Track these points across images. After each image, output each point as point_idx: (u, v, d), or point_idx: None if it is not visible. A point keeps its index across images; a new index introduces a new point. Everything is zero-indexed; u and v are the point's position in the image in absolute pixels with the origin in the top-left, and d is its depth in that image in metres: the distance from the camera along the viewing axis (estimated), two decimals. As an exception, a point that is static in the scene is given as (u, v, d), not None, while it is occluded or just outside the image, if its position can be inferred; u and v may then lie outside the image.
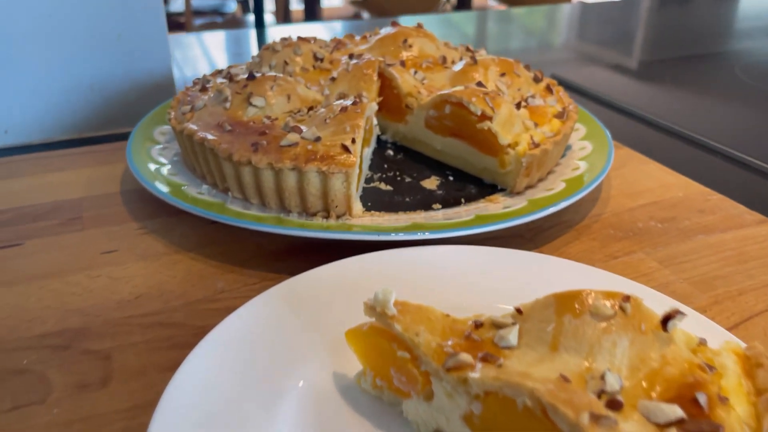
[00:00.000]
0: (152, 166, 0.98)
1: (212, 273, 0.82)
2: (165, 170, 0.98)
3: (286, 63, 1.15)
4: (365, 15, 6.92)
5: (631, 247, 0.89)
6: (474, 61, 1.09)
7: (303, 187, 0.85)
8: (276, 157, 0.84)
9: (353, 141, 0.86)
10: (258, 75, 1.00)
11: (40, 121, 1.29)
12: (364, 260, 0.76)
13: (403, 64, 1.13)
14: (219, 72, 1.19)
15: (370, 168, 1.05)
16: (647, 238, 0.91)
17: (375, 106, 1.02)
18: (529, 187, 0.96)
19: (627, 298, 0.53)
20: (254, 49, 2.07)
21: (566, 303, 0.53)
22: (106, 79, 1.32)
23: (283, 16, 5.94)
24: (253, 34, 2.26)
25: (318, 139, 0.86)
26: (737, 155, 1.22)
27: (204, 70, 1.78)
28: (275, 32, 2.29)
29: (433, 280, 0.73)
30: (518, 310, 0.56)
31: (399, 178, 1.01)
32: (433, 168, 1.05)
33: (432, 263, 0.76)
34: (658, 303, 0.69)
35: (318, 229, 0.81)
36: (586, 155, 1.03)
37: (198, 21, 5.80)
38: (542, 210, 0.85)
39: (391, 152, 1.11)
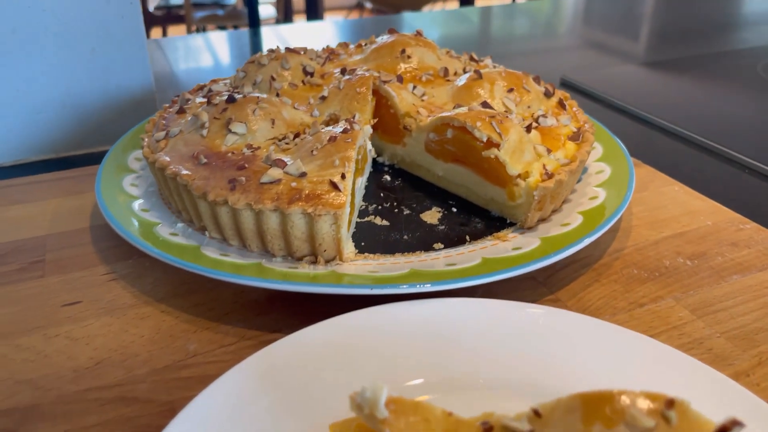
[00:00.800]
0: (124, 200, 0.88)
1: (184, 331, 0.73)
2: (137, 205, 0.88)
3: (272, 78, 1.05)
4: (368, 4, 6.79)
5: (658, 291, 0.79)
6: (479, 76, 0.99)
7: (287, 230, 0.75)
8: (256, 197, 0.74)
9: (343, 176, 0.76)
10: (239, 97, 0.90)
11: (7, 141, 1.20)
12: (356, 319, 0.66)
13: (400, 79, 1.02)
14: (200, 88, 1.09)
15: (365, 197, 0.95)
16: (675, 280, 0.81)
17: (369, 130, 0.92)
18: (542, 220, 0.86)
19: (671, 404, 0.43)
20: (247, 53, 1.96)
21: (596, 408, 0.43)
22: (80, 95, 1.22)
23: (284, 9, 5.82)
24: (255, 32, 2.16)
25: (303, 174, 0.76)
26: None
27: (200, 74, 1.68)
28: (269, 33, 2.19)
29: (434, 342, 0.64)
30: (536, 413, 0.46)
31: (396, 210, 0.91)
32: (434, 197, 0.95)
33: (433, 322, 0.66)
34: (698, 375, 0.60)
35: (303, 282, 0.71)
36: (604, 181, 0.93)
37: (198, 14, 5.68)
38: (558, 253, 0.75)
39: (388, 177, 1.01)
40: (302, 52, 1.13)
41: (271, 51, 1.11)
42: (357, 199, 0.88)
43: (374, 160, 1.06)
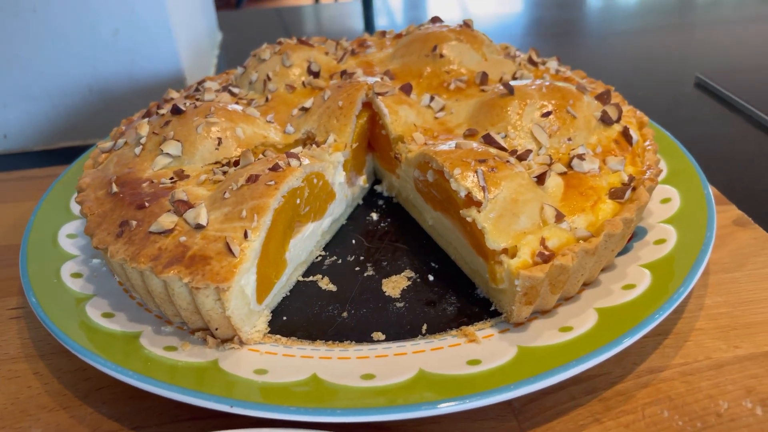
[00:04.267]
0: (58, 219, 0.77)
1: (40, 407, 0.59)
2: (70, 228, 0.76)
3: (268, 78, 0.87)
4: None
5: (688, 459, 0.51)
6: (509, 91, 0.73)
7: (171, 296, 0.58)
8: (134, 252, 0.58)
9: (245, 236, 0.57)
10: (187, 107, 0.73)
11: (34, 125, 1.14)
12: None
13: (407, 88, 0.79)
14: (199, 83, 0.94)
15: (333, 242, 0.75)
16: (726, 443, 0.52)
17: (339, 158, 0.71)
18: (544, 312, 0.60)
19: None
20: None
21: None
22: (106, 79, 1.13)
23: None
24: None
25: (199, 227, 0.58)
26: None
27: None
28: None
29: None
30: None
31: (357, 269, 0.70)
32: (416, 254, 0.72)
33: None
34: None
35: (158, 381, 0.53)
36: (660, 258, 0.64)
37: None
38: (532, 381, 0.51)
39: (375, 216, 0.79)
40: (317, 44, 0.94)
41: (279, 43, 0.93)
42: (299, 253, 0.68)
43: (372, 190, 0.84)
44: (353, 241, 0.74)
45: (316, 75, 0.87)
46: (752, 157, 0.99)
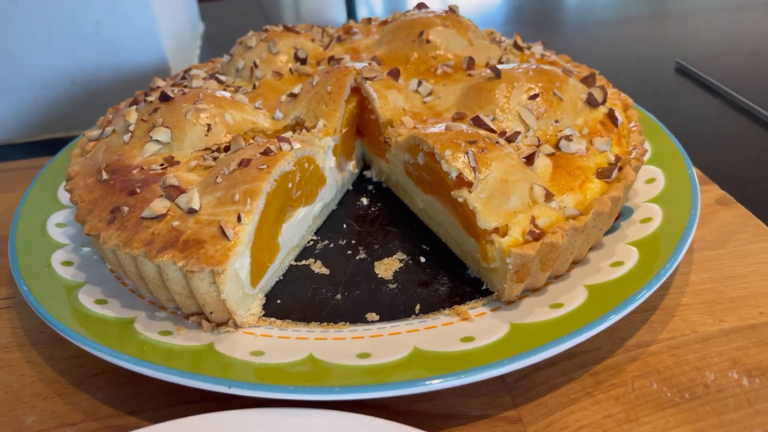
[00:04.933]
0: (47, 208, 0.77)
1: (34, 395, 0.59)
2: (55, 218, 0.76)
3: (255, 65, 0.87)
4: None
5: (677, 427, 0.52)
6: (496, 74, 0.74)
7: (165, 281, 0.58)
8: (127, 237, 0.58)
9: (239, 219, 0.57)
10: (175, 94, 0.73)
11: (17, 117, 1.13)
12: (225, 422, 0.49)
13: (395, 73, 0.79)
14: (185, 72, 0.94)
15: (324, 227, 0.75)
16: (713, 410, 0.53)
17: (330, 143, 0.71)
18: (534, 290, 0.61)
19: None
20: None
21: None
22: (89, 71, 1.12)
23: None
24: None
25: (192, 211, 0.58)
26: None
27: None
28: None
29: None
30: None
31: (349, 252, 0.70)
32: (407, 237, 0.72)
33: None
34: None
35: (154, 364, 0.54)
36: (647, 236, 0.65)
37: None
38: (521, 357, 0.52)
39: (365, 201, 0.80)
40: (303, 32, 0.94)
41: (265, 30, 0.92)
42: (291, 237, 0.68)
43: (361, 175, 0.85)
44: (344, 226, 0.75)
45: (303, 62, 0.87)
46: (732, 139, 1.01)
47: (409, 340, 0.56)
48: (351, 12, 1.86)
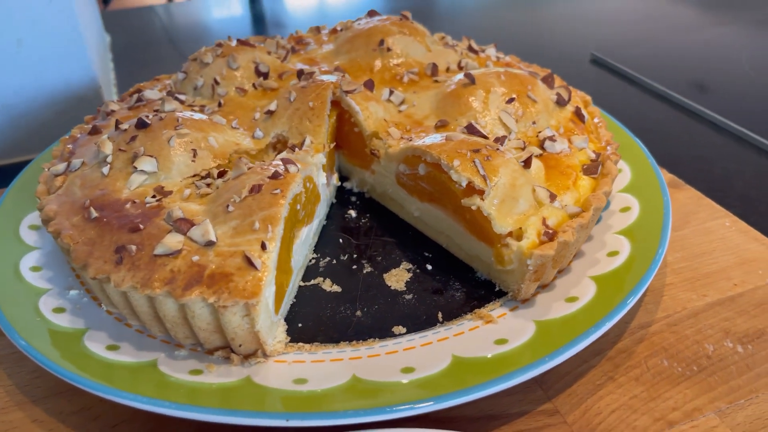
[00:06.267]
0: (12, 253, 0.70)
1: (53, 455, 0.55)
2: (30, 259, 0.70)
3: (216, 82, 0.84)
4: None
5: (695, 399, 0.57)
6: (470, 80, 0.76)
7: (188, 319, 0.56)
8: (144, 277, 0.55)
9: (264, 247, 0.56)
10: (152, 119, 0.70)
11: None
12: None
13: (370, 84, 0.80)
14: (136, 92, 0.89)
15: (320, 243, 0.75)
16: (721, 379, 0.59)
17: (321, 160, 0.71)
18: (542, 286, 0.65)
19: None
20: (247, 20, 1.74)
21: None
22: (11, 93, 1.03)
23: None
24: None
25: (210, 243, 0.57)
26: None
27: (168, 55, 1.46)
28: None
29: None
30: None
31: (354, 267, 0.70)
32: (407, 245, 0.74)
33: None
34: None
35: (204, 408, 0.52)
36: (630, 226, 0.70)
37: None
38: (556, 354, 0.55)
39: (353, 213, 0.80)
40: (258, 44, 0.92)
41: (218, 45, 0.90)
42: (299, 258, 0.67)
43: (340, 187, 0.85)
44: (340, 240, 0.75)
45: (266, 76, 0.86)
46: (659, 126, 1.10)
47: (444, 349, 0.58)
48: (258, 21, 1.81)
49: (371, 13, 0.97)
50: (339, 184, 0.83)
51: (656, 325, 0.65)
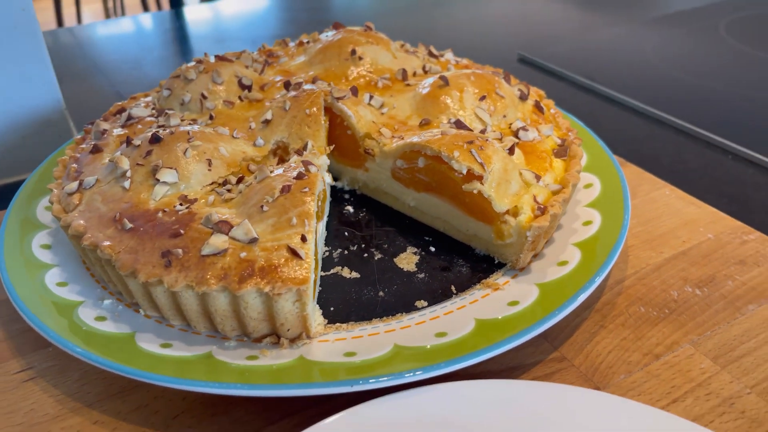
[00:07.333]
0: (34, 272, 0.73)
1: (124, 449, 0.59)
2: (52, 277, 0.72)
3: (203, 97, 0.89)
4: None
5: (672, 335, 0.69)
6: (444, 82, 0.85)
7: (239, 310, 0.62)
8: (198, 276, 0.60)
9: (303, 239, 0.63)
10: (165, 134, 0.74)
11: None
12: (336, 428, 0.54)
13: (355, 90, 0.88)
14: (120, 112, 0.92)
15: (327, 239, 0.81)
16: (689, 317, 0.71)
17: (326, 162, 0.78)
18: (534, 256, 0.75)
19: None
20: (170, 41, 1.76)
21: None
22: (-27, 120, 1.03)
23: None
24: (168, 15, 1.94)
25: (254, 240, 0.62)
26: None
27: (121, 72, 1.46)
28: (194, 12, 1.97)
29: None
30: None
31: (366, 255, 0.78)
32: (407, 232, 0.82)
33: (434, 415, 0.55)
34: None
35: (267, 384, 0.58)
36: (596, 199, 0.82)
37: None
38: (563, 308, 0.65)
39: (350, 209, 0.87)
40: (235, 59, 0.97)
41: (198, 62, 0.94)
42: (319, 250, 0.74)
43: (332, 186, 0.92)
44: (346, 233, 0.82)
45: (250, 88, 0.91)
46: (589, 115, 1.24)
47: (466, 315, 0.66)
48: (183, 41, 1.81)
49: (336, 26, 1.04)
50: (333, 183, 0.90)
51: (628, 280, 0.77)
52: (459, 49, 1.12)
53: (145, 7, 4.28)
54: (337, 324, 0.67)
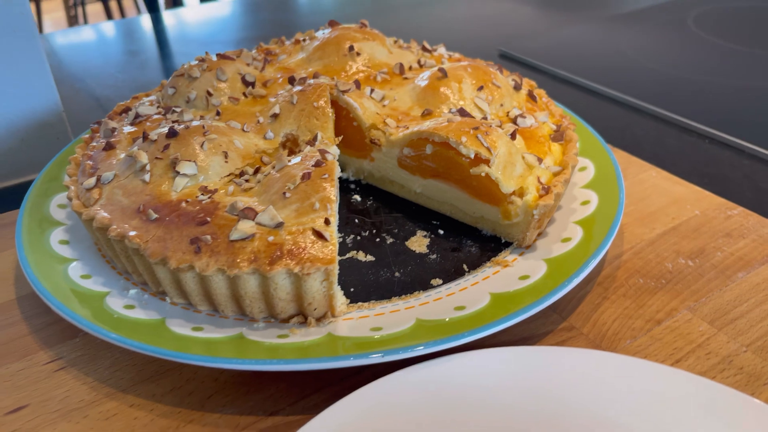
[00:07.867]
0: (57, 267, 0.74)
1: (164, 429, 0.61)
2: (75, 270, 0.74)
3: (209, 94, 0.91)
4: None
5: (670, 303, 0.74)
6: (443, 74, 0.89)
7: (269, 292, 0.64)
8: (228, 260, 0.63)
9: (327, 222, 0.66)
10: (180, 128, 0.77)
11: None
12: (367, 398, 0.57)
13: (357, 84, 0.91)
14: (124, 110, 0.94)
15: (339, 226, 0.84)
16: (684, 286, 0.76)
17: (337, 152, 0.81)
18: (538, 234, 0.79)
19: None
20: (152, 46, 1.77)
21: None
22: (-27, 124, 1.03)
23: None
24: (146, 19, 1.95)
25: (280, 225, 0.65)
26: (731, 140, 1.09)
27: (105, 76, 1.47)
28: (170, 18, 1.98)
29: (467, 410, 0.56)
30: None
31: (378, 239, 0.81)
32: (415, 217, 0.86)
33: (458, 383, 0.59)
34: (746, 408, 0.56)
35: (298, 359, 0.61)
36: (591, 180, 0.87)
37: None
38: (571, 280, 0.69)
39: (357, 197, 0.91)
40: (236, 57, 1.00)
41: (200, 60, 0.96)
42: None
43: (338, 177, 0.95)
44: (356, 220, 0.85)
45: (253, 85, 0.94)
46: (571, 105, 1.29)
47: (480, 291, 0.70)
48: (162, 46, 1.84)
49: (332, 24, 1.07)
50: (339, 174, 0.93)
51: (626, 255, 0.82)
52: (447, 47, 1.17)
53: (109, 15, 4.25)
54: (359, 303, 0.70)
